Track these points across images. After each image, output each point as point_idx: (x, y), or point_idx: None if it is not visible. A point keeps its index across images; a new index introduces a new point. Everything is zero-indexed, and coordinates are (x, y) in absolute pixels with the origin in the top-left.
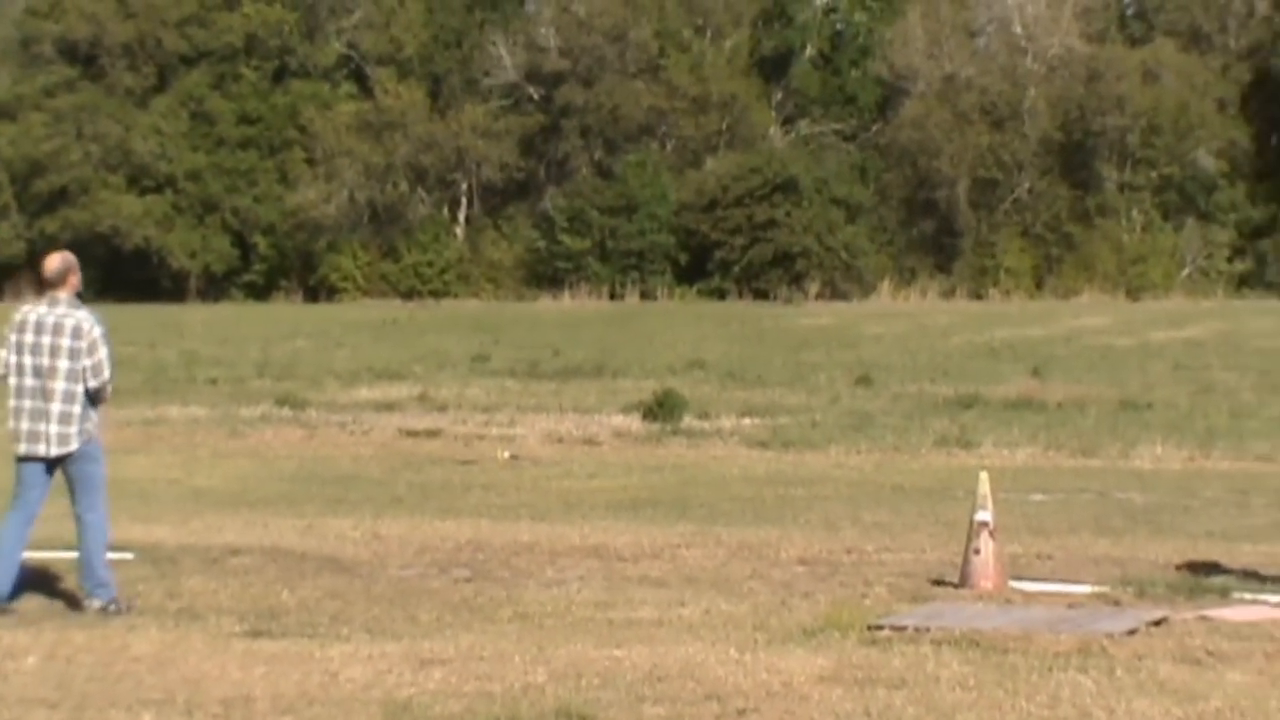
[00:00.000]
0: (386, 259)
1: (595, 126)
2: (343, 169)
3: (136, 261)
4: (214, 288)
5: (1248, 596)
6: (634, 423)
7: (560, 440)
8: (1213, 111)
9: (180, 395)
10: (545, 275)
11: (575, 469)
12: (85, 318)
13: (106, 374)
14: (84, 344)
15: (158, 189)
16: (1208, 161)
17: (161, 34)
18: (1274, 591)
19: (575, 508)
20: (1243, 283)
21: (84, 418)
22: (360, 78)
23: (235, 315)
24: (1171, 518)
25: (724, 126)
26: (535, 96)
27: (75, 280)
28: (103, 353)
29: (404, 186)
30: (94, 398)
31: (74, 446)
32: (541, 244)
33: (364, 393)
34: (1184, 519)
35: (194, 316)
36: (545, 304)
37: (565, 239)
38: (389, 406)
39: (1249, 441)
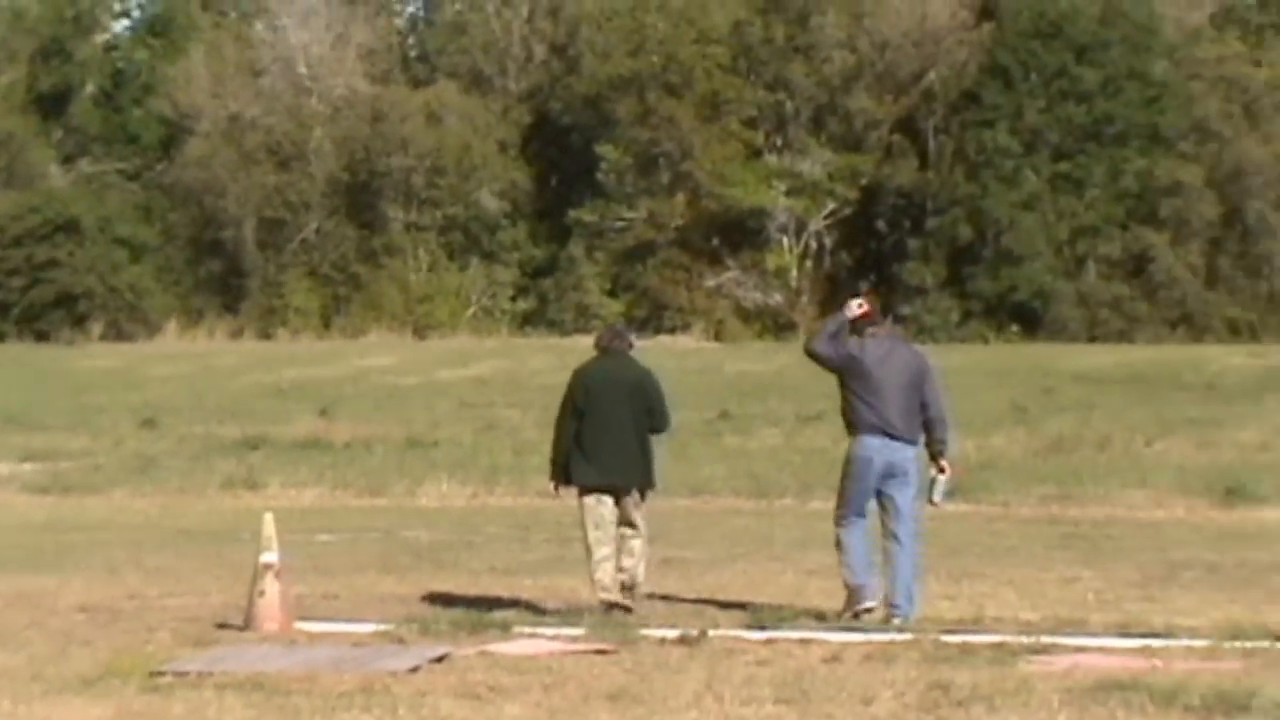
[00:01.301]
0: None
1: None
2: None
3: None
4: None
5: (527, 630)
6: None
7: None
8: (495, 152)
9: None
10: None
11: None
12: None
13: None
14: None
15: None
16: (490, 201)
17: None
18: (552, 625)
19: None
20: (525, 321)
21: None
22: None
23: None
24: (455, 554)
25: (1, 165)
26: None
27: None
28: None
29: None
30: None
31: None
32: None
33: None
34: (467, 555)
35: None
36: None
37: None
38: None
39: (530, 477)
